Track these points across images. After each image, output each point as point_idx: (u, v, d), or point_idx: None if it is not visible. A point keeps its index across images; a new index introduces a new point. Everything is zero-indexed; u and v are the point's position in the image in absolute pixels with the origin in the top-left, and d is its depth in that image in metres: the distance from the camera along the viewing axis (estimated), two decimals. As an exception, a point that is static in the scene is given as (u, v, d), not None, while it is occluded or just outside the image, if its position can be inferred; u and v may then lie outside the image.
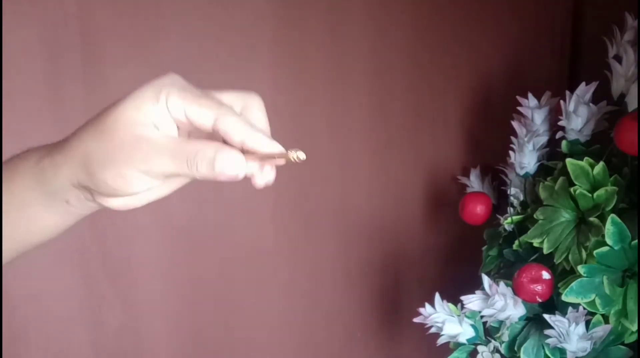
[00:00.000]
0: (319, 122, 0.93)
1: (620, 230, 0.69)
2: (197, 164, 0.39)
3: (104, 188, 0.41)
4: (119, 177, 0.40)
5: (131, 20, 0.79)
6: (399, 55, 0.95)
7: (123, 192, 0.41)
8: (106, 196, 0.42)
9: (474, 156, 1.01)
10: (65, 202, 0.44)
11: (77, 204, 0.44)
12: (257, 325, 0.96)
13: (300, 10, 0.88)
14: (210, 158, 0.38)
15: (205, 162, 0.38)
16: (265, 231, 0.93)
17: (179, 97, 0.40)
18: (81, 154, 0.41)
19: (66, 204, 0.44)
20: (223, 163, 0.38)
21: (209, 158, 0.38)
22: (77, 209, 0.44)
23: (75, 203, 0.44)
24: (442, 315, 0.79)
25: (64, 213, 0.45)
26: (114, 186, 0.40)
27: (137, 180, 0.40)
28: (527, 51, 1.00)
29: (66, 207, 0.44)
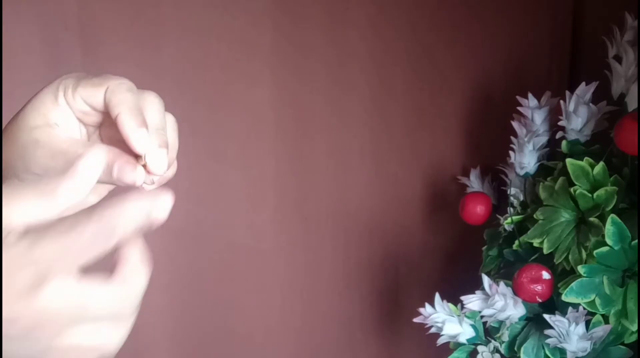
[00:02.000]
0: (318, 121, 0.93)
1: (620, 230, 0.69)
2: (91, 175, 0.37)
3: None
4: (19, 182, 0.40)
5: (131, 20, 0.79)
6: (398, 55, 0.95)
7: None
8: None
9: (474, 156, 1.01)
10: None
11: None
12: (256, 325, 0.96)
13: (300, 11, 0.88)
14: (107, 166, 0.37)
15: (98, 171, 0.36)
16: (265, 231, 0.93)
17: (73, 87, 0.40)
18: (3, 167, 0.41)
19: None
20: (121, 173, 0.37)
21: (104, 167, 0.36)
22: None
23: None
24: (442, 315, 0.79)
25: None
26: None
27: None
28: (527, 51, 1.00)
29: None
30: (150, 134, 0.38)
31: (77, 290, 0.31)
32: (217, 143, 0.87)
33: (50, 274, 0.30)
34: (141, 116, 0.38)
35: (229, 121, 0.86)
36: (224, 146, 0.87)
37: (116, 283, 0.33)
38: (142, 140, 0.38)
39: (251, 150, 0.89)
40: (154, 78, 0.81)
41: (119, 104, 0.38)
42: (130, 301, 0.33)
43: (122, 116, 0.38)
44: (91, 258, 0.32)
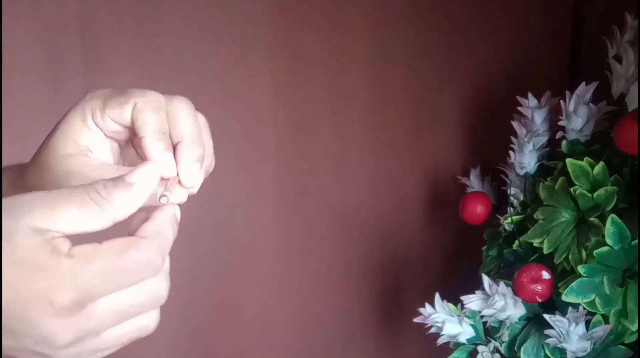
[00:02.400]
0: (318, 122, 0.93)
1: (620, 230, 0.69)
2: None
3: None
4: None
5: (131, 21, 0.79)
6: (398, 55, 0.95)
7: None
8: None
9: (474, 156, 1.01)
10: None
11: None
12: (256, 325, 0.96)
13: (300, 11, 0.88)
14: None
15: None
16: (265, 231, 0.93)
17: (101, 109, 0.39)
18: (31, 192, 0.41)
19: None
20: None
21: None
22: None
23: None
24: (442, 315, 0.79)
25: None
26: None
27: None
28: (527, 51, 1.00)
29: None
30: (184, 148, 0.38)
31: (119, 305, 0.32)
32: (217, 142, 0.87)
33: (94, 298, 0.31)
34: (165, 140, 0.38)
35: (229, 121, 0.86)
36: (223, 146, 0.87)
37: (148, 239, 0.33)
38: (170, 165, 0.37)
39: (251, 150, 0.89)
40: (153, 78, 0.81)
41: (143, 127, 0.38)
42: (162, 255, 0.33)
43: (146, 141, 0.37)
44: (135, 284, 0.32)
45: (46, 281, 0.30)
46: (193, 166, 0.38)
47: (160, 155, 0.37)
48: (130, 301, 0.32)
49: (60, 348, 0.31)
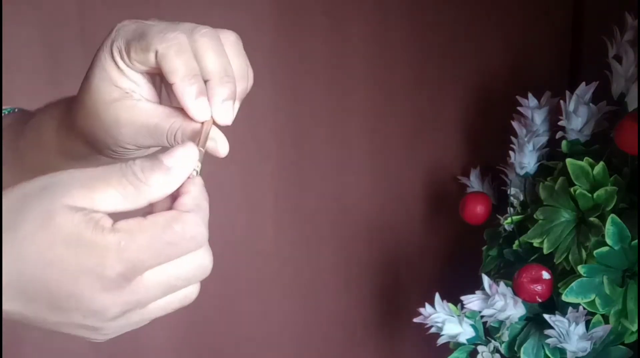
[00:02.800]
0: (319, 122, 0.93)
1: (620, 230, 0.69)
2: (173, 138, 0.38)
3: (107, 153, 0.42)
4: (113, 152, 0.41)
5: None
6: (399, 55, 0.94)
7: (122, 154, 0.42)
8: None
9: (474, 156, 1.01)
10: (96, 159, 0.44)
11: (106, 160, 0.44)
12: (256, 325, 0.96)
13: (300, 11, 0.88)
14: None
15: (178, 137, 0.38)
16: (265, 231, 0.93)
17: (127, 52, 0.39)
18: (84, 133, 0.41)
19: (97, 161, 0.44)
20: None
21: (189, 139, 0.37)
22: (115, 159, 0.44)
23: (105, 160, 0.44)
24: (442, 315, 0.79)
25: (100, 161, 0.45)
26: (112, 153, 0.41)
27: (127, 152, 0.41)
28: (527, 51, 1.00)
29: (97, 162, 0.43)
30: (213, 87, 0.38)
31: (166, 277, 0.32)
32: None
33: (141, 271, 0.31)
34: (197, 83, 0.37)
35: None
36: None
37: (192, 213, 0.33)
38: (204, 111, 0.37)
39: (251, 150, 0.89)
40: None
41: (171, 74, 0.37)
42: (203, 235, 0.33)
43: (177, 88, 0.37)
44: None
45: (94, 256, 0.30)
46: (225, 105, 0.38)
47: (194, 102, 0.37)
48: (177, 274, 0.33)
49: (109, 321, 0.32)
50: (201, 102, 0.37)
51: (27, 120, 0.47)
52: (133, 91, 0.40)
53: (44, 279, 0.30)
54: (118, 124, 0.39)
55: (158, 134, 0.38)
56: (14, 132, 0.47)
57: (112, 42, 0.39)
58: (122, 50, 0.39)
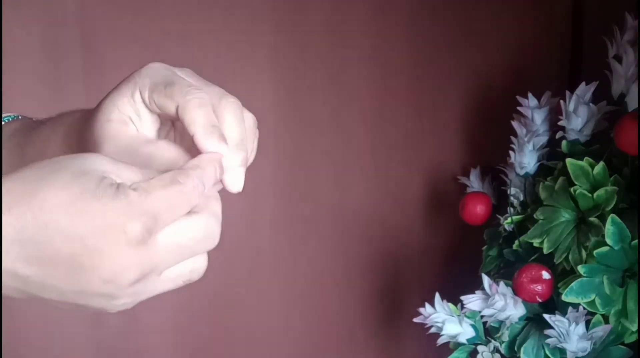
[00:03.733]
0: (318, 122, 0.93)
1: (620, 230, 0.69)
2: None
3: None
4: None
5: (131, 21, 0.79)
6: (399, 55, 0.94)
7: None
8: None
9: (474, 156, 1.01)
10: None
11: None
12: (257, 325, 0.96)
13: (301, 11, 0.88)
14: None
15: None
16: (265, 231, 0.93)
17: (149, 91, 0.40)
18: (80, 142, 0.42)
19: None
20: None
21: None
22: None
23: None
24: (442, 315, 0.79)
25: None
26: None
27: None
28: (527, 51, 1.00)
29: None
30: (230, 150, 0.39)
31: (184, 233, 0.35)
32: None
33: (160, 225, 0.33)
34: (217, 133, 0.39)
35: (229, 121, 0.86)
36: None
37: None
38: (230, 156, 0.39)
39: (251, 150, 0.88)
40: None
41: (192, 124, 0.38)
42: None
43: (198, 138, 0.38)
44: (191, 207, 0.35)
45: (119, 210, 0.32)
46: (236, 171, 0.40)
47: (215, 149, 0.38)
48: (189, 235, 0.35)
49: (126, 286, 0.33)
50: (223, 149, 0.39)
51: (36, 127, 0.47)
52: (131, 120, 0.41)
53: (70, 234, 0.31)
54: (104, 141, 0.40)
55: (135, 157, 0.39)
56: (24, 137, 0.47)
57: (139, 78, 0.41)
58: (144, 88, 0.40)
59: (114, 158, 0.35)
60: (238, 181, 0.40)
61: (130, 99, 0.40)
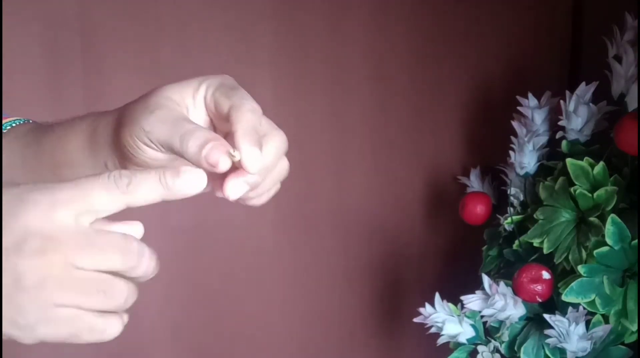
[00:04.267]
0: (319, 122, 0.93)
1: (620, 230, 0.69)
2: (188, 142, 0.39)
3: (122, 148, 0.42)
4: (129, 136, 0.41)
5: (131, 21, 0.79)
6: (399, 55, 0.95)
7: (133, 154, 0.42)
8: (128, 161, 0.43)
9: (474, 156, 1.01)
10: (104, 165, 0.45)
11: (112, 169, 0.45)
12: (257, 325, 0.96)
13: (301, 11, 0.88)
14: (202, 143, 0.39)
15: (196, 143, 0.39)
16: (265, 231, 0.93)
17: (213, 90, 0.43)
18: (121, 113, 0.43)
19: (105, 168, 0.45)
20: (211, 151, 0.38)
21: (201, 142, 0.39)
22: None
23: (111, 167, 0.45)
24: (442, 315, 0.79)
25: None
26: (126, 145, 0.42)
27: (142, 144, 0.41)
28: (527, 51, 1.00)
29: (105, 170, 0.45)
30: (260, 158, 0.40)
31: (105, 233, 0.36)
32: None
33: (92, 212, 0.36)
34: (256, 136, 0.40)
35: (229, 121, 0.86)
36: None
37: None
38: (256, 159, 0.39)
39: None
40: (153, 78, 0.81)
41: (236, 122, 0.40)
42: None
43: (237, 134, 0.39)
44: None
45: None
46: (242, 185, 0.41)
47: (250, 148, 0.39)
48: (109, 238, 0.37)
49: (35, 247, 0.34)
50: (256, 151, 0.40)
51: (53, 124, 0.48)
52: (187, 108, 0.43)
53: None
54: (156, 108, 0.41)
55: (178, 128, 0.40)
56: (41, 132, 0.48)
57: (210, 77, 0.44)
58: (210, 86, 0.43)
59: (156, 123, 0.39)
60: (236, 192, 0.41)
61: (195, 90, 0.43)
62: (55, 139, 0.47)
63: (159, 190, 0.37)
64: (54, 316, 0.35)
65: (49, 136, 0.47)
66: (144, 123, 0.40)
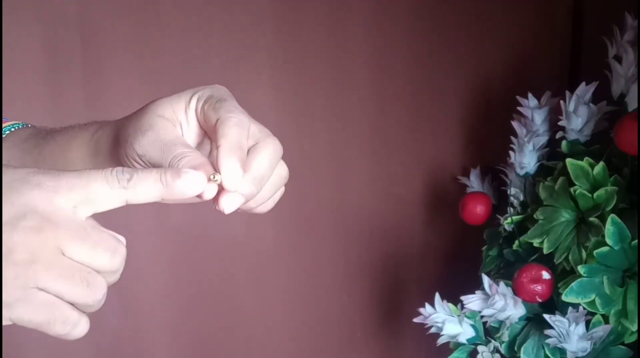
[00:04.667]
0: (319, 122, 0.93)
1: (620, 230, 0.69)
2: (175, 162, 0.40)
3: (122, 163, 0.43)
4: (125, 156, 0.42)
5: (131, 21, 0.79)
6: (399, 55, 0.95)
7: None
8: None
9: (474, 156, 1.01)
10: None
11: None
12: (257, 325, 0.96)
13: (300, 11, 0.88)
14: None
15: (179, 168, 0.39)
16: (265, 231, 0.93)
17: (204, 102, 0.42)
18: (118, 130, 0.44)
19: None
20: (188, 178, 0.38)
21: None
22: None
23: None
24: (442, 315, 0.79)
25: None
26: (124, 163, 0.42)
27: (137, 164, 0.42)
28: (527, 51, 1.00)
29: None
30: (244, 179, 0.40)
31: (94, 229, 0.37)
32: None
33: (90, 204, 0.37)
34: (239, 153, 0.40)
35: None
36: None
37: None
38: (236, 178, 0.39)
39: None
40: (153, 78, 0.81)
41: (222, 137, 0.40)
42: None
43: (220, 150, 0.39)
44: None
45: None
46: (236, 198, 0.40)
47: (230, 168, 0.39)
48: (98, 233, 0.37)
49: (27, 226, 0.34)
50: (237, 170, 0.39)
51: (54, 131, 0.49)
52: (180, 125, 0.43)
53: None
54: (148, 129, 0.41)
55: (167, 152, 0.40)
56: (42, 139, 0.48)
57: (200, 89, 0.43)
58: (201, 99, 0.43)
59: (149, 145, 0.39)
60: (231, 206, 0.40)
61: (187, 104, 0.43)
62: (56, 147, 0.47)
63: (159, 188, 0.37)
64: (34, 299, 0.35)
65: (50, 144, 0.47)
66: (136, 145, 0.41)
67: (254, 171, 0.41)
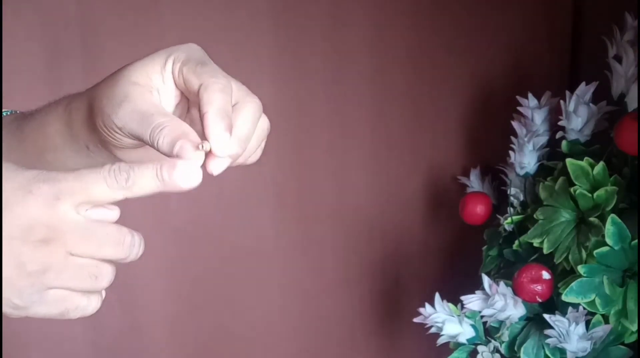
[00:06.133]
0: (318, 122, 0.93)
1: (620, 230, 0.69)
2: (157, 139, 0.39)
3: (99, 135, 0.43)
4: (103, 127, 0.42)
5: (131, 20, 0.79)
6: (399, 55, 0.94)
7: (111, 139, 0.42)
8: (108, 143, 0.43)
9: (474, 156, 1.01)
10: (86, 148, 0.46)
11: (95, 150, 0.45)
12: (256, 325, 0.96)
13: (300, 11, 0.88)
14: (171, 141, 0.39)
15: (166, 141, 0.39)
16: (265, 231, 0.93)
17: (181, 64, 0.42)
18: (91, 99, 0.43)
19: (87, 150, 0.46)
20: (181, 150, 0.38)
21: (170, 140, 0.39)
22: (96, 156, 0.46)
23: (93, 149, 0.45)
24: (442, 315, 0.79)
25: (88, 158, 0.46)
26: (102, 133, 0.42)
27: (116, 134, 0.42)
28: (527, 51, 1.00)
29: (87, 153, 0.46)
30: (231, 142, 0.40)
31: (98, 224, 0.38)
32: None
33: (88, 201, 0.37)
34: (226, 120, 0.40)
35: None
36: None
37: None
38: (225, 145, 0.39)
39: (251, 150, 0.88)
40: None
41: (207, 104, 0.40)
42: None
43: (207, 117, 0.39)
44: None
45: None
46: (223, 161, 0.40)
47: (219, 134, 0.39)
48: (102, 227, 0.38)
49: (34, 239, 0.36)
50: (225, 137, 0.39)
51: (32, 112, 0.49)
52: (157, 91, 0.42)
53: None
54: (125, 99, 0.41)
55: (146, 124, 0.40)
56: (23, 119, 0.49)
57: (175, 51, 0.43)
58: (177, 61, 0.42)
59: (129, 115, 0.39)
60: (219, 169, 0.40)
61: (162, 67, 0.43)
62: (35, 125, 0.47)
63: (156, 185, 0.38)
64: (48, 298, 0.37)
65: (30, 123, 0.48)
66: (114, 117, 0.41)
67: (238, 132, 0.41)
